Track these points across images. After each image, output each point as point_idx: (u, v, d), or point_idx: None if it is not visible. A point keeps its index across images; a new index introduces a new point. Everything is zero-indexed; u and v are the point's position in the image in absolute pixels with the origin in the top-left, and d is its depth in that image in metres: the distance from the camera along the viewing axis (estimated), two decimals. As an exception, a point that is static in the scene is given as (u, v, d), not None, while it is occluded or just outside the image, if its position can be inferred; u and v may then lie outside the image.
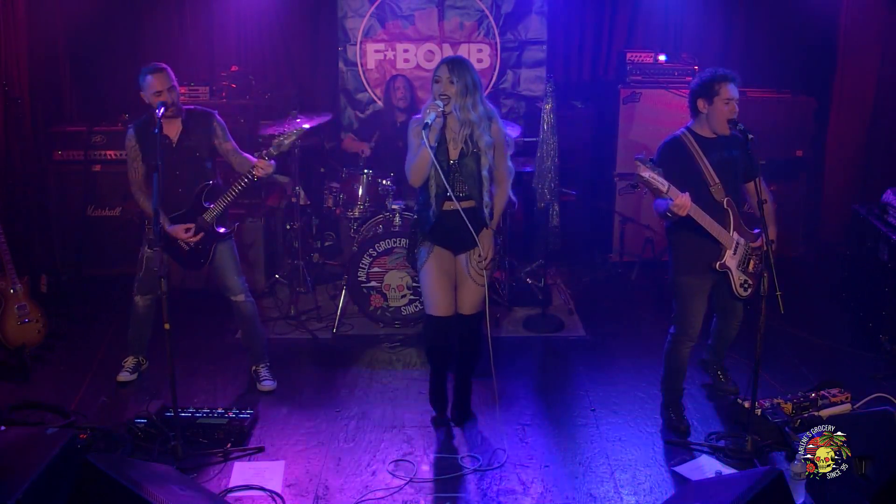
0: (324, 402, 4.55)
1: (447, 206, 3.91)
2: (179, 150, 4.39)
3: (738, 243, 4.12)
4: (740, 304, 4.33)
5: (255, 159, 4.32)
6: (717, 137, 4.10)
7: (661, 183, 3.80)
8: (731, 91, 4.02)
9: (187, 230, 4.38)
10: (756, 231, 4.19)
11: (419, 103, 6.05)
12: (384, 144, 6.16)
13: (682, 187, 3.91)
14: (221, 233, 4.46)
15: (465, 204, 3.91)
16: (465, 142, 3.90)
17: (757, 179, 4.03)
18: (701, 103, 4.08)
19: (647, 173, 3.79)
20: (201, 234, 4.40)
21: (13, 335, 4.86)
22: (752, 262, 4.17)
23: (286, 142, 4.33)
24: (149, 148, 4.30)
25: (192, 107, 4.51)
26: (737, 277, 4.15)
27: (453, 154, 3.93)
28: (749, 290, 4.19)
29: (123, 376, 4.74)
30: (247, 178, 4.30)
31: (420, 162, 3.83)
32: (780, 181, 6.48)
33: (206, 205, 4.42)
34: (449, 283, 4.05)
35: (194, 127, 4.43)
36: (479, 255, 3.96)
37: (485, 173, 3.92)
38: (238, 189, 4.35)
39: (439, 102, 3.78)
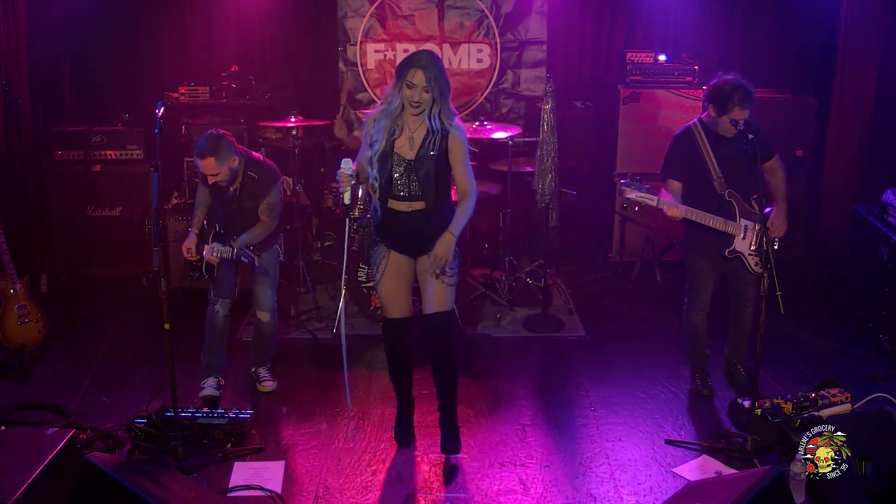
0: (324, 402, 4.55)
1: (394, 205, 3.80)
2: (233, 195, 4.38)
3: (746, 228, 4.28)
4: (752, 288, 4.39)
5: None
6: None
7: (650, 199, 4.06)
8: (742, 114, 4.14)
9: (188, 250, 4.36)
10: (767, 210, 4.33)
11: None
12: None
13: (688, 177, 4.27)
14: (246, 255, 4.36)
15: (417, 205, 3.79)
16: (424, 144, 3.74)
17: (773, 159, 4.34)
18: (712, 109, 4.22)
19: (632, 194, 4.02)
20: (197, 259, 4.38)
21: (13, 335, 4.86)
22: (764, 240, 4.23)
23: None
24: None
25: (261, 159, 4.42)
26: (751, 260, 4.32)
27: (409, 154, 3.76)
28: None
29: (208, 391, 4.53)
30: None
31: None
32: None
33: (209, 244, 4.32)
34: (405, 286, 3.95)
35: (251, 185, 4.35)
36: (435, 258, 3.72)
37: (440, 176, 3.78)
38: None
39: (347, 170, 3.71)
